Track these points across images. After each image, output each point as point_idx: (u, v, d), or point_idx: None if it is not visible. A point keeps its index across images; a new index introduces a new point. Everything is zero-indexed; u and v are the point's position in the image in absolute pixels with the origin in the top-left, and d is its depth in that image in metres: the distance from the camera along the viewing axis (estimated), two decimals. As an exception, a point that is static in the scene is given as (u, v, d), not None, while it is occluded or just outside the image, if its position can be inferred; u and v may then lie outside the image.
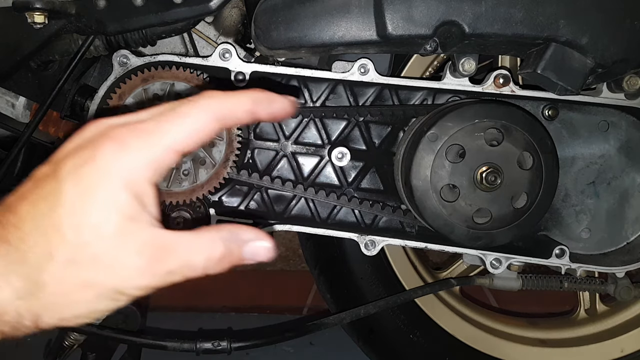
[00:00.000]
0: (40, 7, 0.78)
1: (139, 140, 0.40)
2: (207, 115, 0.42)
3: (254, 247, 0.43)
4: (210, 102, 0.42)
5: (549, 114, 0.94)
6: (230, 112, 0.43)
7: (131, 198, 0.39)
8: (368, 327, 1.21)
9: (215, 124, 0.42)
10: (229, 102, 0.43)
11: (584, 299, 1.32)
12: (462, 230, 0.87)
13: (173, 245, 0.40)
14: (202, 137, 0.42)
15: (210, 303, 1.94)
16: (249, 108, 0.44)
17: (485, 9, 0.77)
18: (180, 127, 0.41)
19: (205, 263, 0.41)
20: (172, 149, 0.41)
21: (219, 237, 0.42)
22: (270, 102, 0.45)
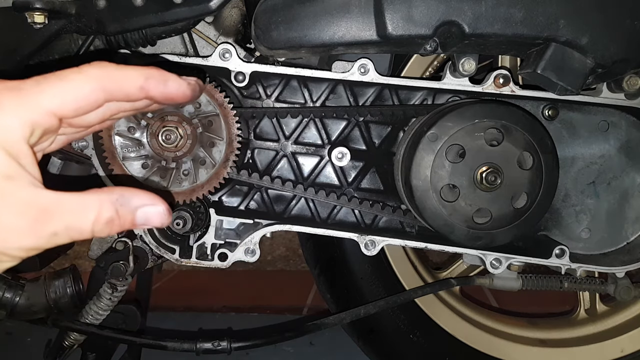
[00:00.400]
0: (40, 7, 0.78)
1: (14, 100, 0.39)
2: (92, 83, 0.40)
3: (146, 212, 0.41)
4: (98, 72, 0.41)
5: (549, 114, 0.94)
6: (119, 85, 0.41)
7: (6, 157, 0.38)
8: (368, 327, 1.21)
9: (101, 95, 0.41)
10: (118, 74, 0.41)
11: (584, 299, 1.32)
12: (462, 230, 0.87)
13: (57, 205, 0.39)
14: (84, 105, 0.40)
15: (210, 303, 1.94)
16: (140, 84, 0.42)
17: (485, 9, 0.77)
18: (60, 91, 0.40)
19: (93, 226, 0.40)
20: (49, 111, 0.39)
21: (108, 200, 0.40)
22: (164, 81, 0.43)
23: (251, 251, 0.95)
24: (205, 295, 2.04)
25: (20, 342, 1.62)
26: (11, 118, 0.38)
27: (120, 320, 1.06)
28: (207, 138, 0.87)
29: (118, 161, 0.86)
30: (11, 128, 0.38)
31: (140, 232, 0.94)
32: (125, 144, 0.86)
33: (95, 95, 0.41)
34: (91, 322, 1.02)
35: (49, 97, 0.39)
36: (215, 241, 0.96)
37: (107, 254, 0.96)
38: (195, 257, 0.95)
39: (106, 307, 1.02)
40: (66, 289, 1.02)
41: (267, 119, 0.96)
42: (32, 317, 1.03)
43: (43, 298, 1.02)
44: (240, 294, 2.04)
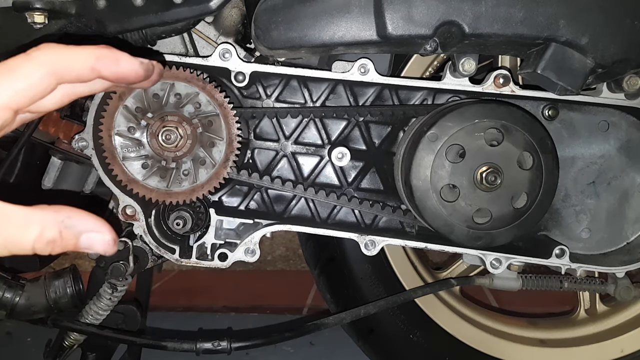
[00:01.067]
0: (40, 7, 0.78)
1: None
2: (41, 69, 0.39)
3: (90, 238, 0.40)
4: (46, 56, 0.39)
5: (549, 114, 0.94)
6: (69, 68, 0.40)
7: None
8: (368, 327, 1.21)
9: (52, 79, 0.39)
10: (67, 56, 0.40)
11: (584, 299, 1.32)
12: (462, 230, 0.87)
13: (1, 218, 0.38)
14: (36, 93, 0.39)
15: (210, 303, 1.94)
16: (90, 64, 0.41)
17: (485, 9, 0.77)
18: (11, 83, 0.38)
19: (34, 243, 0.38)
20: (3, 106, 0.38)
21: (54, 219, 0.39)
22: (116, 61, 0.42)
23: (251, 251, 0.95)
24: (205, 295, 2.04)
25: (20, 342, 1.62)
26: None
27: (120, 320, 1.06)
28: (207, 138, 0.87)
29: (118, 161, 0.86)
30: None
31: (140, 232, 0.94)
32: (125, 144, 0.86)
33: (47, 81, 0.39)
34: (91, 322, 1.02)
35: (1, 91, 0.38)
36: (215, 241, 0.96)
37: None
38: (195, 257, 0.95)
39: (106, 307, 1.02)
40: (66, 289, 1.02)
41: (267, 119, 0.96)
42: (32, 317, 1.03)
43: (43, 298, 1.02)
44: (240, 294, 2.04)
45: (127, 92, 0.86)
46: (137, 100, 0.86)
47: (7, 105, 0.38)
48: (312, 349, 1.58)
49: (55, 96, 0.43)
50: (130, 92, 0.86)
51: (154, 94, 0.86)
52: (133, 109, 0.86)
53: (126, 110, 0.85)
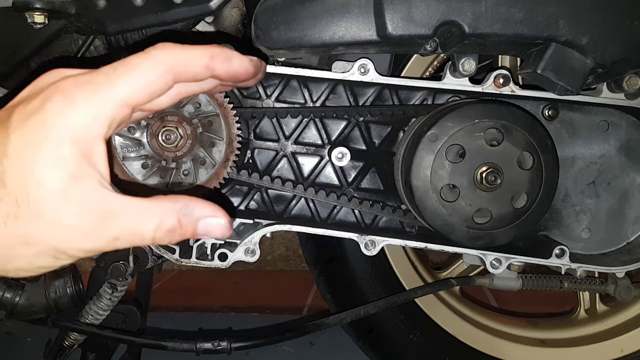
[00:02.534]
0: (40, 7, 0.78)
1: (87, 94, 0.38)
2: (159, 67, 0.40)
3: (208, 224, 0.41)
4: (164, 54, 0.40)
5: (549, 114, 0.94)
6: (186, 66, 0.41)
7: (77, 155, 0.37)
8: (368, 327, 1.21)
9: (169, 77, 0.40)
10: (184, 55, 0.41)
11: (584, 299, 1.32)
12: (462, 230, 0.87)
13: (121, 210, 0.39)
14: (155, 90, 0.40)
15: (210, 303, 1.94)
16: (205, 63, 0.42)
17: (486, 9, 0.77)
18: (131, 80, 0.39)
19: (154, 233, 0.39)
20: (123, 102, 0.39)
21: (172, 209, 0.40)
22: (228, 59, 0.43)
23: (251, 251, 0.95)
24: (205, 295, 2.04)
25: (20, 342, 1.62)
26: (86, 114, 0.38)
27: (120, 320, 1.06)
28: (207, 138, 0.87)
29: (118, 161, 0.86)
30: (86, 125, 0.37)
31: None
32: (125, 144, 0.86)
33: (165, 79, 0.40)
34: (91, 322, 1.02)
35: (122, 88, 0.39)
36: (215, 241, 0.96)
37: (107, 254, 0.96)
38: (195, 257, 0.95)
39: (106, 307, 1.02)
40: (66, 289, 1.03)
41: (267, 119, 0.96)
42: (32, 317, 1.03)
43: (43, 298, 1.02)
44: (240, 294, 2.04)
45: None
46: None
47: (127, 101, 0.39)
48: (312, 349, 1.58)
49: (170, 94, 0.44)
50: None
51: (154, 94, 0.86)
52: (133, 109, 0.86)
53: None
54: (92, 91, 0.38)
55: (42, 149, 0.36)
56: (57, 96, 0.38)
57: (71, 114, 0.37)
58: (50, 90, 0.38)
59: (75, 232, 0.37)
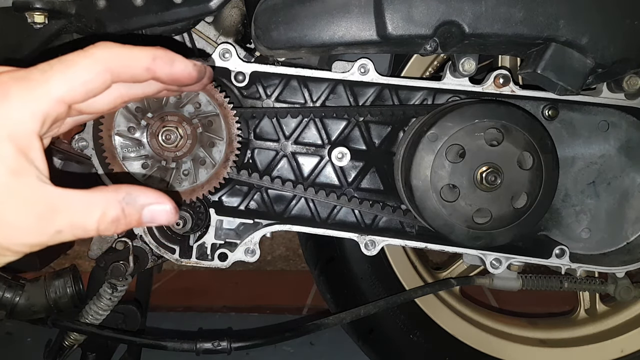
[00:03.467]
0: (40, 7, 0.78)
1: (22, 90, 0.37)
2: (97, 66, 0.39)
3: (152, 210, 0.41)
4: (104, 53, 0.40)
5: (549, 114, 0.94)
6: (125, 67, 0.41)
7: (15, 151, 0.36)
8: (368, 327, 1.21)
9: (107, 77, 0.40)
10: (124, 55, 0.40)
11: (584, 299, 1.32)
12: (462, 230, 0.87)
13: (63, 202, 0.38)
14: (92, 89, 0.40)
15: (210, 303, 1.94)
16: (146, 65, 0.41)
17: (485, 9, 0.77)
18: (68, 77, 0.39)
19: (98, 224, 0.39)
20: (59, 99, 0.38)
21: (115, 198, 0.40)
22: (171, 62, 0.43)
23: (251, 251, 0.95)
24: (205, 295, 2.04)
25: (20, 342, 1.62)
26: (21, 110, 0.37)
27: (120, 320, 1.06)
28: (207, 138, 0.87)
29: (118, 161, 0.86)
30: (21, 120, 0.37)
31: (140, 232, 0.94)
32: (125, 143, 0.86)
33: (103, 78, 0.40)
34: (91, 322, 1.02)
35: (58, 84, 0.38)
36: (215, 241, 0.96)
37: (107, 254, 0.96)
38: (195, 257, 0.95)
39: (106, 307, 1.02)
40: (66, 289, 1.02)
41: (267, 119, 0.96)
42: (32, 317, 1.03)
43: (43, 298, 1.02)
44: (240, 294, 2.04)
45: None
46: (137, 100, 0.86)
47: (62, 98, 0.39)
48: (312, 349, 1.58)
49: (109, 96, 0.44)
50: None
51: (154, 94, 0.86)
52: (133, 109, 0.86)
53: (126, 110, 0.86)
54: (27, 87, 0.38)
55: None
56: None
57: (6, 110, 0.37)
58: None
59: (17, 227, 0.37)
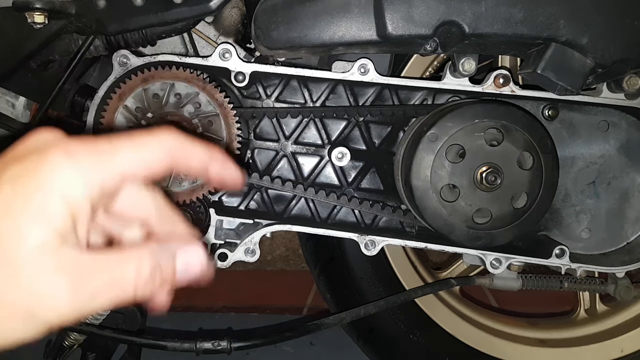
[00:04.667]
0: (40, 7, 0.78)
1: (90, 157, 0.37)
2: (163, 151, 0.40)
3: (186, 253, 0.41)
4: (170, 140, 0.41)
5: (549, 114, 0.94)
6: (186, 158, 0.42)
7: (65, 213, 0.36)
8: (368, 327, 1.21)
9: (168, 162, 0.41)
10: (187, 147, 0.42)
11: (584, 299, 1.32)
12: (462, 230, 0.87)
13: (95, 264, 0.37)
14: (152, 170, 0.40)
15: (210, 303, 1.94)
16: (204, 161, 0.43)
17: (485, 9, 0.77)
18: (134, 154, 0.39)
19: (136, 281, 0.38)
20: (120, 173, 0.39)
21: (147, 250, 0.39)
22: (225, 167, 0.45)
23: (251, 251, 0.95)
24: (205, 295, 2.04)
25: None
26: (84, 175, 0.37)
27: (120, 320, 1.06)
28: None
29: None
30: (81, 185, 0.37)
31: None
32: (125, 144, 0.86)
33: (165, 163, 0.41)
34: (91, 322, 1.02)
35: (123, 160, 0.39)
36: (215, 241, 0.96)
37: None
38: (195, 257, 0.95)
39: (106, 307, 1.02)
40: (66, 289, 1.02)
41: (267, 119, 0.96)
42: (32, 317, 1.03)
43: (43, 298, 1.01)
44: (240, 294, 2.04)
45: (127, 92, 0.86)
46: (137, 100, 0.86)
47: (125, 173, 0.39)
48: (312, 349, 1.58)
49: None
50: (130, 92, 0.86)
51: (154, 94, 0.86)
52: (133, 109, 0.86)
53: (126, 110, 0.86)
54: (96, 156, 0.38)
55: (32, 202, 0.35)
56: (59, 153, 0.37)
57: (71, 172, 0.36)
58: (52, 147, 0.37)
59: (50, 293, 0.35)
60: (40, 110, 0.89)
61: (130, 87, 0.86)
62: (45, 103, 0.88)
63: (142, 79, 0.86)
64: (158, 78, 0.86)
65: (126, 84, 0.86)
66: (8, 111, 0.94)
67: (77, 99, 0.95)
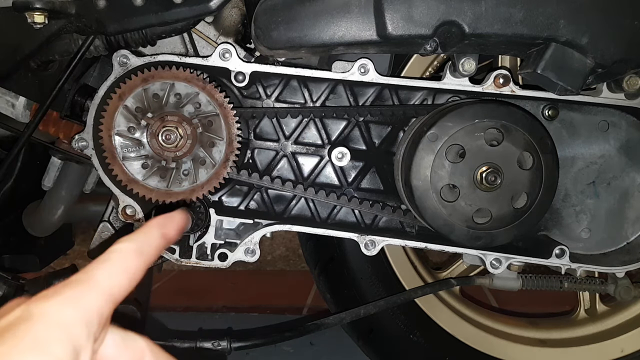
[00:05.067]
0: (40, 7, 0.78)
1: (72, 291, 0.37)
2: (127, 253, 0.42)
3: None
4: (126, 245, 0.43)
5: (549, 114, 0.94)
6: (148, 246, 0.44)
7: (70, 353, 0.34)
8: (368, 327, 1.21)
9: (140, 261, 0.43)
10: (142, 238, 0.44)
11: (584, 299, 1.32)
12: (462, 230, 0.87)
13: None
14: (133, 275, 0.42)
15: (210, 303, 1.94)
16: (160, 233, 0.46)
17: (485, 9, 0.77)
18: (109, 269, 0.40)
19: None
20: (107, 293, 0.39)
21: None
22: (171, 222, 0.48)
23: (251, 251, 0.95)
24: (205, 295, 2.04)
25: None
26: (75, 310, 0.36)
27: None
28: (207, 138, 0.87)
29: (118, 161, 0.86)
30: (76, 321, 0.36)
31: (140, 232, 0.94)
32: (125, 144, 0.86)
33: (137, 263, 0.43)
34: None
35: (104, 278, 0.40)
36: (215, 241, 0.96)
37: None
38: (195, 257, 0.95)
39: (106, 307, 1.02)
40: (66, 289, 1.02)
41: (267, 119, 0.96)
42: (32, 317, 1.03)
43: (43, 298, 1.01)
44: (240, 294, 2.04)
45: (127, 92, 0.86)
46: (137, 100, 0.86)
47: (111, 291, 0.40)
48: (312, 349, 1.58)
49: None
50: (130, 92, 0.86)
51: (154, 94, 0.86)
52: (133, 109, 0.86)
53: (126, 110, 0.86)
54: (77, 288, 0.38)
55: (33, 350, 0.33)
56: (39, 302, 0.36)
57: (61, 312, 0.35)
58: (26, 304, 0.36)
59: None
60: (40, 110, 0.89)
61: (130, 87, 0.86)
62: (45, 103, 0.88)
63: (142, 79, 0.86)
64: (158, 78, 0.86)
65: (126, 84, 0.86)
66: (8, 111, 0.94)
67: (77, 99, 0.95)
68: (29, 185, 1.18)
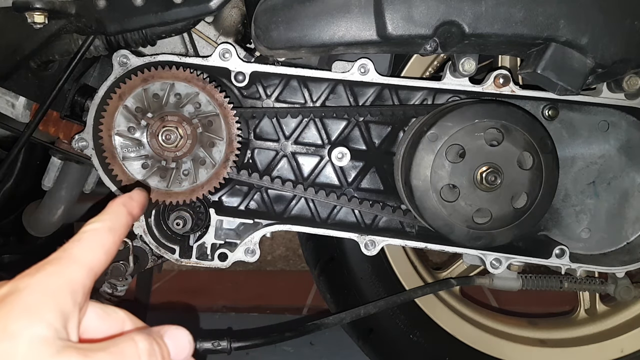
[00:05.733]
0: (40, 7, 0.78)
1: (54, 266, 0.39)
2: (100, 230, 0.44)
3: (175, 337, 0.42)
4: (97, 224, 0.44)
5: (549, 114, 0.94)
6: (118, 223, 0.46)
7: (61, 321, 0.36)
8: (368, 327, 1.21)
9: (112, 237, 0.44)
10: (110, 217, 0.46)
11: (584, 299, 1.32)
12: (462, 230, 0.87)
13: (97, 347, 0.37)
14: (108, 250, 0.43)
15: (210, 303, 1.94)
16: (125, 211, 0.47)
17: (485, 9, 0.77)
18: (86, 245, 0.42)
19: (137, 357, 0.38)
20: (88, 267, 0.40)
21: (139, 334, 0.40)
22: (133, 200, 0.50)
23: (251, 251, 0.95)
24: (205, 295, 2.04)
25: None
26: (58, 282, 0.38)
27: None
28: (207, 138, 0.87)
29: (118, 161, 0.86)
30: (61, 291, 0.38)
31: (140, 232, 0.94)
32: (125, 144, 0.86)
33: (111, 238, 0.44)
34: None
35: (81, 252, 0.41)
36: (215, 241, 0.96)
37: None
38: (195, 257, 0.95)
39: (106, 307, 1.02)
40: (66, 289, 1.02)
41: (267, 119, 0.96)
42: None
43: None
44: (240, 294, 2.04)
45: (127, 92, 0.86)
46: (137, 100, 0.86)
47: (89, 265, 0.41)
48: (312, 349, 1.58)
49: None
50: (130, 92, 0.86)
51: (154, 94, 0.86)
52: (133, 109, 0.86)
53: (126, 110, 0.86)
54: (57, 263, 0.39)
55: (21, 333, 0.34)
56: (24, 278, 0.37)
57: (45, 285, 0.37)
58: (11, 281, 0.37)
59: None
60: (40, 110, 0.89)
61: (130, 87, 0.86)
62: (45, 103, 0.88)
63: (142, 79, 0.86)
64: (158, 78, 0.86)
65: (126, 84, 0.86)
66: (8, 111, 0.94)
67: (77, 99, 0.95)
68: (29, 185, 1.18)
